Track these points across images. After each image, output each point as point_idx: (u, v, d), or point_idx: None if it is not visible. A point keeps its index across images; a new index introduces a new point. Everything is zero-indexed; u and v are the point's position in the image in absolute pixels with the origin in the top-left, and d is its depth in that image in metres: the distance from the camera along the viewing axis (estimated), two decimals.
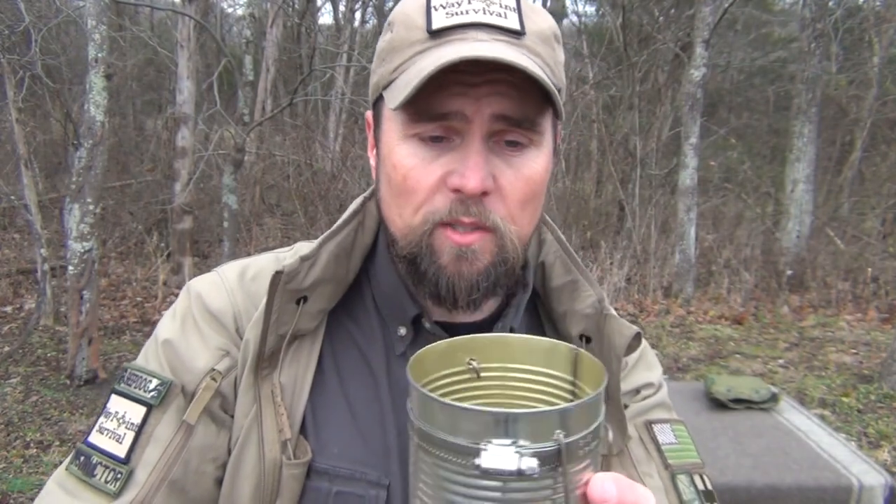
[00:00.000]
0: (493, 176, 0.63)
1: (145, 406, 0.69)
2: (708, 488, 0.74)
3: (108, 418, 0.71)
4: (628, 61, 8.27)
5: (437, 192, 0.64)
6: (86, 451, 0.70)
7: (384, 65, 0.68)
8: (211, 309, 0.73)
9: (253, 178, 8.29)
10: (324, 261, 0.71)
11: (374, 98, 0.71)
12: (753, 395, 2.53)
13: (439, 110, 0.62)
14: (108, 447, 0.69)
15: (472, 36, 0.63)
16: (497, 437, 0.42)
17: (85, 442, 0.71)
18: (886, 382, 4.54)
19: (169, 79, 9.05)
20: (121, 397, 0.72)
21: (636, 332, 0.67)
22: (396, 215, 0.67)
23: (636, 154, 7.87)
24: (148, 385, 0.71)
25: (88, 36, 4.00)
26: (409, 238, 0.66)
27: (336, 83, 9.52)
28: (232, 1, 11.85)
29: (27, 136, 5.67)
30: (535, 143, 0.66)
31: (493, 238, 0.65)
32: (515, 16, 0.64)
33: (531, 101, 0.62)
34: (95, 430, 0.71)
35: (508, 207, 0.65)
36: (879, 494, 2.01)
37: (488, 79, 0.61)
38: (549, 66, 0.66)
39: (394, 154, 0.65)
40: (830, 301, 6.57)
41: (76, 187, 4.04)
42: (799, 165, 7.49)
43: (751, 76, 11.29)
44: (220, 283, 0.75)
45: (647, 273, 6.95)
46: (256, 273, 0.76)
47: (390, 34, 0.67)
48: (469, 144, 0.63)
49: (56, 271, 5.41)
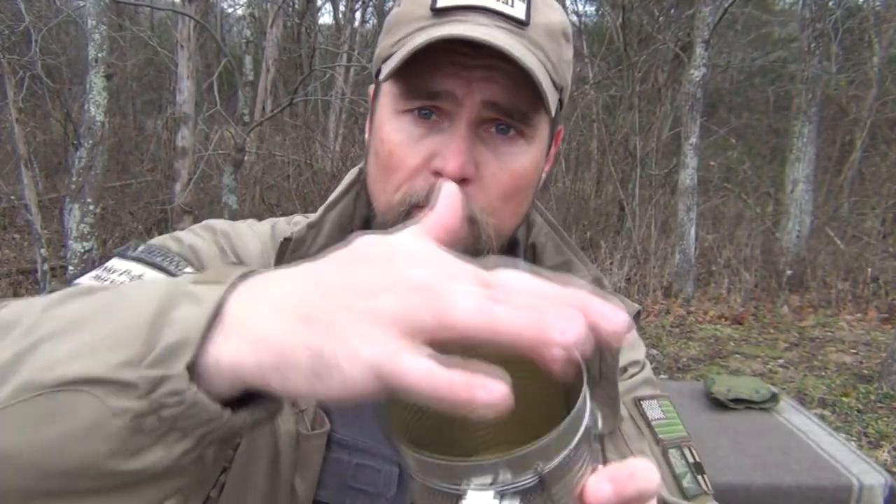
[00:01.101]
0: (476, 164, 0.63)
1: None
2: (697, 460, 0.75)
3: (112, 273, 0.61)
4: (628, 61, 8.27)
5: (419, 173, 0.64)
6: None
7: (387, 37, 0.68)
8: (241, 253, 0.69)
9: (253, 178, 8.29)
10: (327, 229, 0.70)
11: (375, 70, 0.71)
12: (753, 395, 2.53)
13: (431, 88, 0.62)
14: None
15: (473, 19, 0.62)
16: (476, 476, 0.40)
17: (69, 284, 0.56)
18: (886, 382, 4.54)
19: (169, 79, 9.05)
20: (135, 262, 0.62)
21: (637, 310, 0.68)
22: (380, 190, 0.67)
23: (636, 154, 7.87)
24: (182, 266, 0.63)
25: (88, 36, 4.01)
26: (386, 216, 0.66)
27: (336, 83, 9.52)
28: (232, 1, 11.85)
29: (27, 136, 5.67)
30: (526, 137, 0.65)
31: (470, 229, 0.64)
32: (523, 5, 0.63)
33: (524, 94, 0.61)
34: (89, 277, 0.61)
35: (489, 199, 0.64)
36: (879, 494, 2.01)
37: (484, 64, 0.60)
38: (552, 62, 0.65)
39: (383, 128, 0.65)
40: (830, 301, 6.56)
41: (76, 187, 4.04)
42: (799, 165, 7.49)
43: (751, 76, 11.29)
44: (255, 235, 0.71)
45: (647, 273, 6.95)
46: (280, 233, 0.71)
47: (397, 8, 0.67)
48: (456, 129, 0.62)
49: (56, 271, 5.40)
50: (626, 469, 0.39)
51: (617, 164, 8.14)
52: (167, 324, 0.35)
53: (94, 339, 0.36)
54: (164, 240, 0.69)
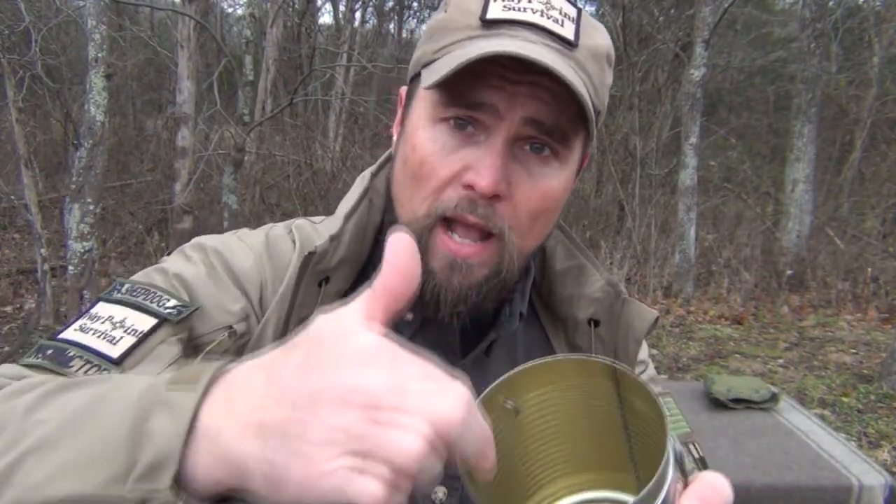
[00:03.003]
0: (509, 182, 0.62)
1: (157, 318, 0.61)
2: (701, 455, 0.76)
3: (96, 321, 0.61)
4: (628, 61, 8.27)
5: (450, 185, 0.63)
6: (56, 345, 0.58)
7: (430, 42, 0.66)
8: (235, 269, 0.68)
9: (253, 178, 8.28)
10: (347, 239, 0.69)
11: (412, 73, 0.69)
12: (753, 395, 2.53)
13: (473, 99, 0.61)
14: (96, 345, 0.58)
15: (523, 35, 0.61)
16: None
17: (54, 338, 0.59)
18: (886, 382, 4.54)
19: (169, 79, 9.05)
20: (118, 305, 0.63)
21: (656, 317, 0.69)
22: (406, 198, 0.66)
23: (636, 154, 7.87)
24: (165, 301, 0.63)
25: (88, 36, 4.01)
26: (411, 227, 0.64)
27: (336, 83, 9.51)
28: (232, 1, 11.86)
29: (27, 136, 5.67)
30: (561, 157, 0.64)
31: (495, 247, 0.63)
32: (573, 26, 0.63)
33: (566, 114, 0.61)
34: (73, 329, 0.60)
35: (518, 218, 0.63)
36: (879, 494, 2.01)
37: (529, 80, 0.60)
38: (594, 86, 0.64)
39: (417, 135, 0.64)
40: (830, 301, 6.56)
41: (76, 187, 4.04)
42: (799, 165, 7.49)
43: (751, 76, 11.29)
44: (247, 247, 0.70)
45: (647, 273, 6.95)
46: (274, 241, 0.71)
47: (444, 14, 0.66)
48: (492, 144, 0.61)
49: (56, 271, 5.40)
50: (708, 486, 0.43)
51: (617, 164, 8.14)
52: (146, 436, 0.39)
53: (77, 456, 0.40)
54: (148, 274, 0.67)
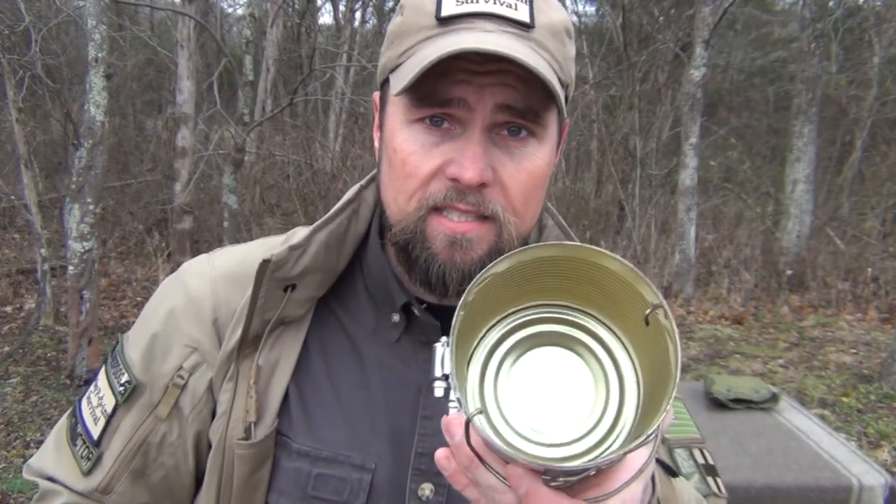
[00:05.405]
0: (493, 168, 0.63)
1: (115, 399, 0.74)
2: (709, 462, 0.76)
3: (95, 392, 0.77)
4: (628, 61, 8.27)
5: (435, 178, 0.64)
6: (76, 413, 0.77)
7: (392, 48, 0.68)
8: (191, 296, 0.75)
9: (253, 178, 8.28)
10: (313, 250, 0.71)
11: (381, 80, 0.71)
12: (753, 395, 2.53)
13: (442, 96, 0.62)
14: (88, 423, 0.75)
15: (479, 26, 0.62)
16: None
17: (79, 401, 0.78)
18: (886, 382, 4.54)
19: (169, 79, 9.05)
20: (105, 376, 0.76)
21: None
22: (392, 199, 0.67)
23: (636, 154, 7.87)
24: (121, 377, 0.74)
25: (88, 36, 4.00)
26: (402, 224, 0.66)
27: (336, 83, 9.51)
28: (232, 1, 11.86)
29: (27, 136, 5.66)
30: (538, 136, 0.65)
31: (493, 227, 0.65)
32: (527, 8, 0.64)
33: (535, 94, 0.62)
34: (86, 397, 0.77)
35: (510, 199, 0.65)
36: (879, 494, 2.01)
37: (493, 69, 0.61)
38: (558, 62, 0.65)
39: (395, 138, 0.65)
40: (830, 301, 6.56)
41: (76, 187, 4.04)
42: (799, 165, 7.49)
43: (751, 76, 11.29)
44: (207, 271, 0.76)
45: (647, 273, 6.93)
46: (243, 258, 0.76)
47: (401, 17, 0.67)
48: (470, 135, 0.62)
49: (56, 271, 5.40)
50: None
51: (617, 164, 8.14)
52: None
53: None
54: (137, 328, 0.78)
